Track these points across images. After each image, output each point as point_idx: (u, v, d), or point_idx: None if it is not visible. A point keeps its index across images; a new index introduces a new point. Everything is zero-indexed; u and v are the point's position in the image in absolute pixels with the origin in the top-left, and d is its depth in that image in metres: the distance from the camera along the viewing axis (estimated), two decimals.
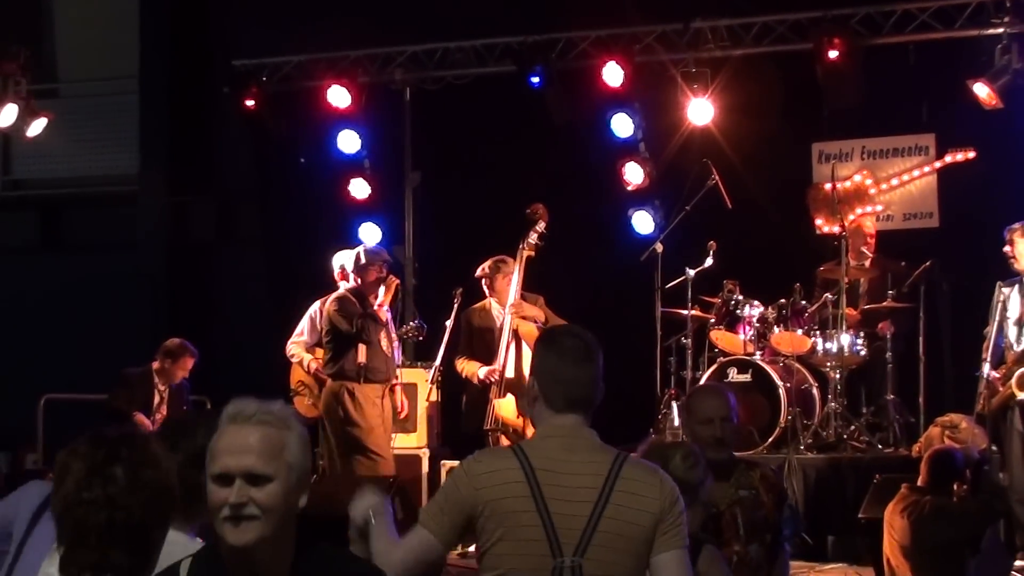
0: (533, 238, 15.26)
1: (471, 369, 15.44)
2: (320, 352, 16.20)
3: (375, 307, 15.44)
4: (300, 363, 16.56)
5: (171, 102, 22.40)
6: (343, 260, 16.52)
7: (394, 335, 15.87)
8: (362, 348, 15.31)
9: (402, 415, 15.83)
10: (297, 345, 16.60)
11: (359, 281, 15.46)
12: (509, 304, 15.24)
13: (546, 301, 15.47)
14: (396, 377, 15.83)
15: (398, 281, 15.77)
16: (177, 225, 22.40)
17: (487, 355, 15.25)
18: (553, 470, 5.95)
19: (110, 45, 23.99)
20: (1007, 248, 14.18)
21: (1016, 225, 14.18)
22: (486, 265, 15.43)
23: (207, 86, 21.53)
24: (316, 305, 16.39)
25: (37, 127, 19.68)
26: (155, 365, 16.95)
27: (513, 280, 15.37)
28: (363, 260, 15.38)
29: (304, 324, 16.56)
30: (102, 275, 22.01)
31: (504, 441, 14.45)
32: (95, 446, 4.73)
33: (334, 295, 15.54)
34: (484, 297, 15.74)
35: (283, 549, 4.95)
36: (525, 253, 15.31)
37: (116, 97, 23.60)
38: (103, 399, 17.15)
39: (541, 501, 6.03)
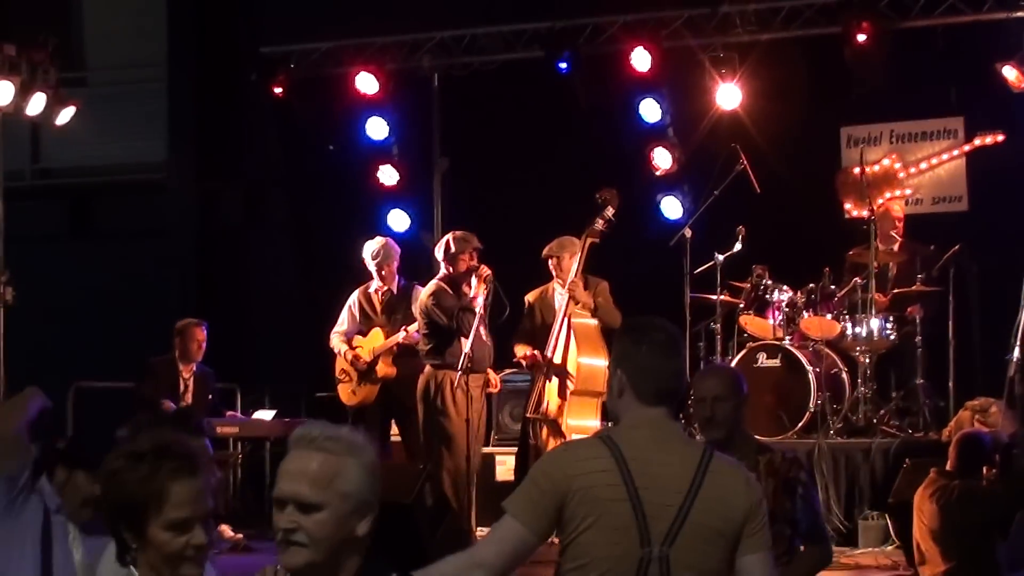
0: (600, 224, 15.21)
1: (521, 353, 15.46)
2: (359, 340, 16.17)
3: (470, 297, 15.25)
4: (339, 354, 16.39)
5: (199, 89, 22.20)
6: (371, 249, 16.55)
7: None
8: (464, 339, 15.15)
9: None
10: (337, 336, 16.44)
11: (450, 270, 15.27)
12: (568, 283, 15.16)
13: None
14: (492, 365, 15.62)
15: (490, 272, 15.30)
16: (206, 212, 22.20)
17: (547, 338, 15.27)
18: (644, 460, 5.90)
19: (137, 32, 23.98)
20: None
21: None
22: (553, 244, 15.42)
23: (235, 73, 21.31)
24: (355, 295, 16.42)
25: (65, 115, 19.37)
26: (175, 352, 16.99)
27: (573, 264, 15.30)
28: (452, 248, 15.16)
29: (344, 315, 16.45)
30: (132, 262, 22.13)
31: (544, 431, 14.44)
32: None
33: (430, 287, 15.36)
34: (543, 280, 15.71)
35: (342, 574, 4.95)
36: (589, 240, 15.28)
37: (144, 84, 23.61)
38: (131, 387, 17.22)
39: (632, 490, 5.95)
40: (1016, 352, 13.50)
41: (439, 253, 15.71)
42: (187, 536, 5.04)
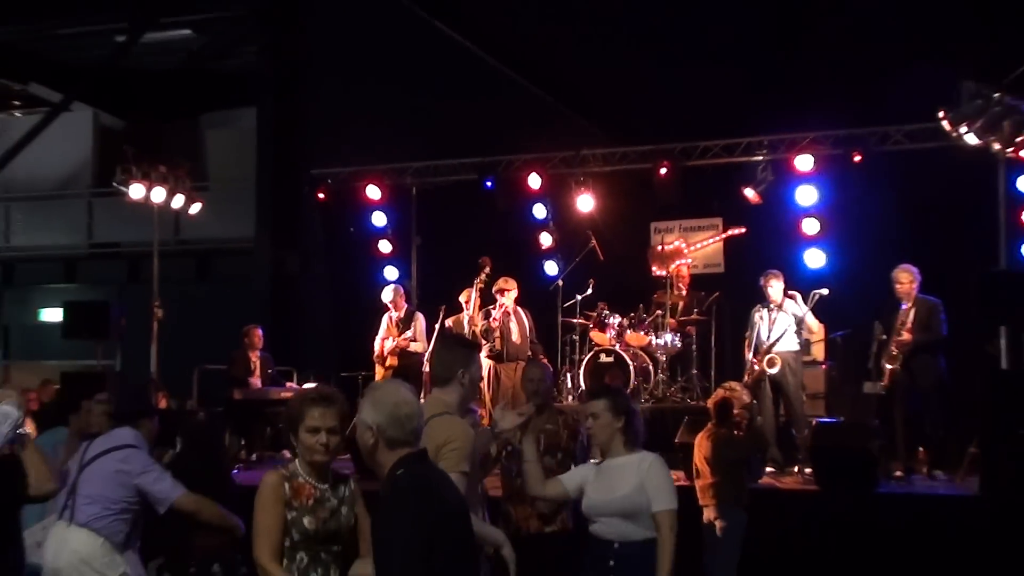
0: (482, 276, 17.13)
1: None
2: (397, 341, 17.59)
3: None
4: (375, 350, 17.90)
5: (274, 193, 22.69)
6: (388, 291, 18.21)
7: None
8: (499, 339, 16.72)
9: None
10: (378, 340, 17.94)
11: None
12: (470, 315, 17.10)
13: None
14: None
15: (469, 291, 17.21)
16: (276, 267, 22.45)
17: None
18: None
19: (237, 160, 25.29)
20: (762, 286, 15.41)
21: (768, 272, 15.44)
22: (463, 291, 17.26)
23: (296, 184, 22.23)
24: (385, 317, 17.95)
25: (195, 208, 21.42)
26: (245, 345, 18.18)
27: (472, 297, 17.19)
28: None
29: (381, 329, 17.94)
30: (232, 298, 22.93)
31: None
32: None
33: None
34: (461, 311, 17.33)
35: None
36: (478, 284, 17.18)
37: (242, 190, 24.14)
38: (225, 368, 18.41)
39: None
40: (749, 356, 15.33)
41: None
42: (317, 437, 5.88)
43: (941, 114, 14.62)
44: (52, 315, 25.59)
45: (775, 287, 15.44)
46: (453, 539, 5.11)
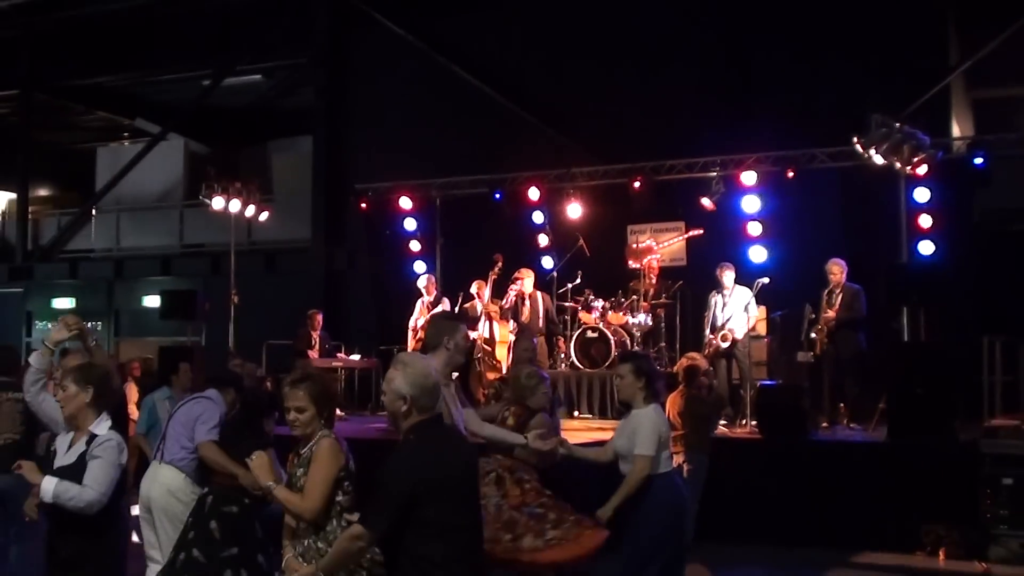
0: (495, 269, 16.70)
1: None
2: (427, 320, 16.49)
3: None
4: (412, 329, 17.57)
5: (327, 204, 23.16)
6: (423, 279, 18.05)
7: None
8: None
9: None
10: (412, 320, 17.60)
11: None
12: (486, 301, 16.81)
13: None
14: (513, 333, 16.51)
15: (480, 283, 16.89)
16: (328, 263, 23.07)
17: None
18: None
19: (298, 176, 25.16)
20: (717, 275, 15.54)
21: (722, 264, 15.60)
22: (482, 282, 16.90)
23: (343, 196, 22.25)
24: (419, 301, 17.68)
25: (263, 216, 21.90)
26: (308, 324, 18.26)
27: (486, 290, 16.84)
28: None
29: (416, 310, 17.60)
30: (293, 287, 22.92)
31: None
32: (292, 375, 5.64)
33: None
34: (473, 299, 17.06)
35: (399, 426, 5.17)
36: (492, 276, 16.76)
37: (300, 201, 24.32)
38: (291, 344, 18.48)
39: None
40: (707, 332, 15.48)
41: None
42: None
43: (855, 139, 14.96)
44: (152, 301, 25.63)
45: (728, 276, 15.51)
46: (449, 496, 5.03)
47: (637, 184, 18.23)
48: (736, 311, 15.37)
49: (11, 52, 27.77)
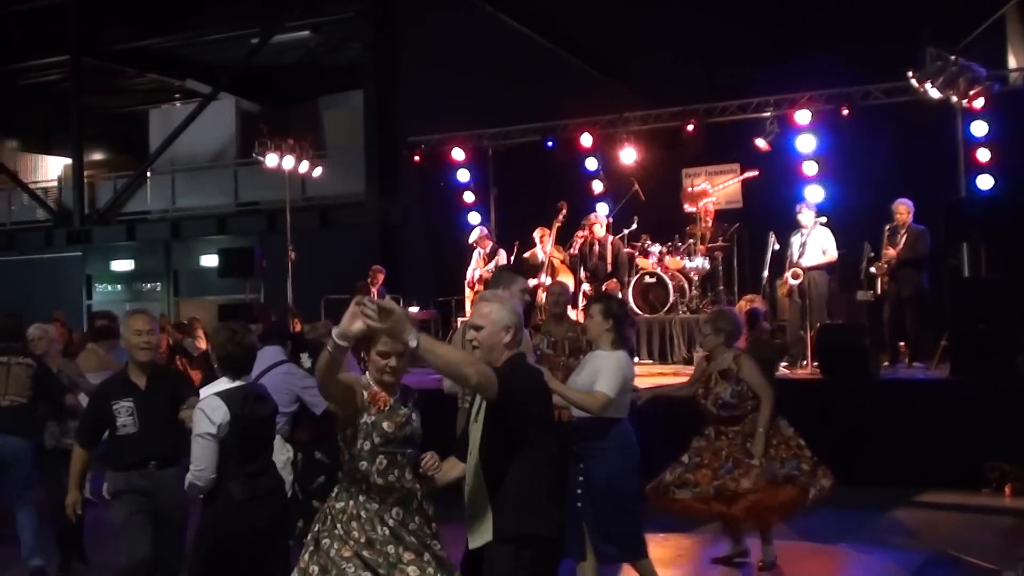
0: (560, 217, 17.17)
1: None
2: (483, 271, 17.49)
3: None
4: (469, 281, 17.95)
5: (380, 158, 23.73)
6: (476, 230, 18.45)
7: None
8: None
9: None
10: (469, 271, 17.99)
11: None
12: (548, 250, 17.24)
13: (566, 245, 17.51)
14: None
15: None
16: (383, 217, 23.58)
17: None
18: None
19: (349, 131, 25.96)
20: (797, 212, 15.24)
21: (801, 203, 15.38)
22: (545, 229, 17.31)
23: (396, 150, 22.79)
24: (475, 253, 18.09)
25: (317, 172, 22.31)
26: (368, 278, 18.64)
27: (549, 238, 17.29)
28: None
29: (472, 262, 17.99)
30: (348, 242, 23.68)
31: None
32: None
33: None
34: (535, 246, 17.44)
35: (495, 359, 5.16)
36: (556, 224, 17.25)
37: (353, 156, 25.07)
38: (348, 298, 18.79)
39: None
40: (765, 273, 15.54)
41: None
42: (387, 361, 5.20)
43: (910, 74, 14.94)
44: (209, 261, 25.91)
45: (805, 215, 15.31)
46: (548, 410, 5.32)
47: (690, 127, 18.27)
48: (812, 250, 15.21)
49: (60, 18, 27.89)
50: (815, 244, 15.20)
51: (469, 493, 5.21)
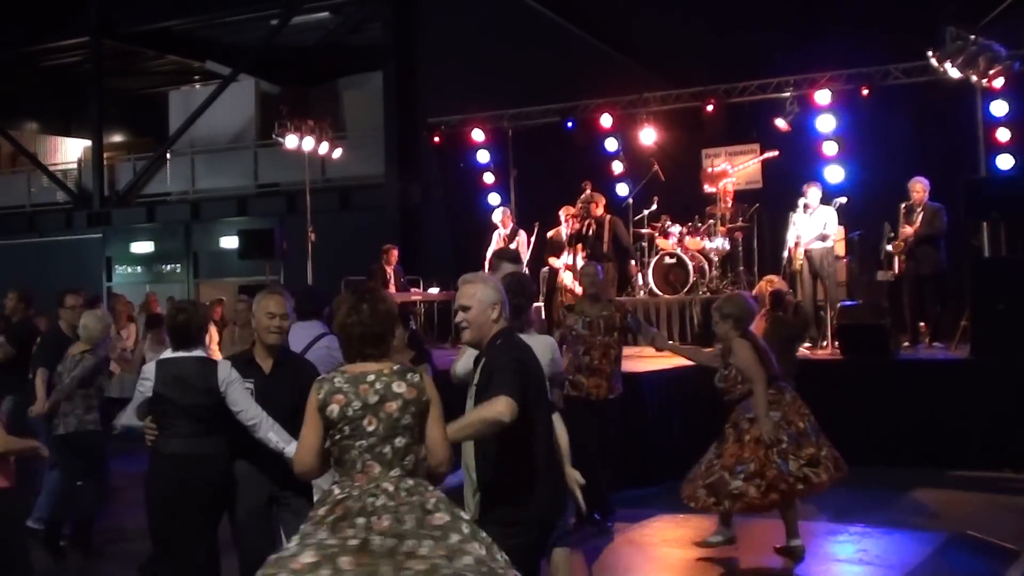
0: (584, 196, 16.51)
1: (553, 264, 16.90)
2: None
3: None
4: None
5: (399, 139, 23.80)
6: (499, 211, 18.16)
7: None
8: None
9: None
10: (489, 252, 17.00)
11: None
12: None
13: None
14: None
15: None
16: (402, 197, 23.60)
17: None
18: None
19: (369, 113, 26.26)
20: (803, 191, 15.33)
21: (808, 181, 15.51)
22: (563, 209, 16.92)
23: (415, 131, 22.96)
24: (495, 233, 17.73)
25: (336, 153, 22.18)
26: (383, 259, 18.43)
27: (573, 212, 16.73)
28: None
29: (493, 243, 17.41)
30: (368, 223, 23.52)
31: None
32: (353, 293, 5.02)
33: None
34: (559, 223, 16.99)
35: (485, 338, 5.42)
36: (579, 205, 16.54)
37: (372, 138, 25.27)
38: (365, 278, 17.45)
39: None
40: (785, 253, 15.31)
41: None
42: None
43: (930, 53, 14.92)
44: (229, 242, 26.04)
45: (812, 193, 15.37)
46: (538, 383, 5.42)
47: (710, 107, 18.37)
48: (815, 228, 15.24)
49: (80, 0, 27.92)
50: (818, 223, 15.25)
51: (466, 464, 5.51)
